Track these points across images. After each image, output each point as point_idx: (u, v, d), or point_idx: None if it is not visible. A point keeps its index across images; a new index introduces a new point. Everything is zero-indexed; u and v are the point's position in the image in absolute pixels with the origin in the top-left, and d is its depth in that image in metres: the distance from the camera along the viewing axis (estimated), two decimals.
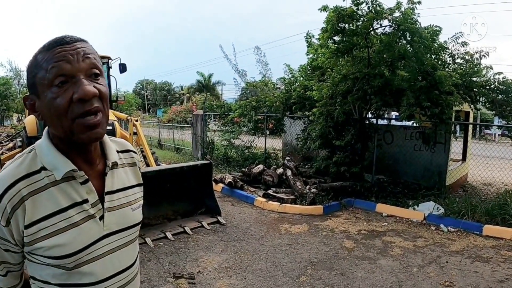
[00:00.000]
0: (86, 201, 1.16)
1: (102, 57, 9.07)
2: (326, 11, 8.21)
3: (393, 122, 11.55)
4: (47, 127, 1.19)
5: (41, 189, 1.11)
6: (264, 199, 8.19)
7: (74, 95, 1.05)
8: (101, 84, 1.12)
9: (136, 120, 7.25)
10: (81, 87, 1.06)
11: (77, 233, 1.13)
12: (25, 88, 32.98)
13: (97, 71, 1.12)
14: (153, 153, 7.93)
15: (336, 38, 8.60)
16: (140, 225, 1.35)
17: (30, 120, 9.19)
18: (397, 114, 9.87)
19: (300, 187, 8.38)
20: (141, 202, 1.38)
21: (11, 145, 13.22)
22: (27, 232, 1.09)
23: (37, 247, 1.10)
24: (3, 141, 15.30)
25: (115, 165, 1.28)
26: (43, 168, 1.13)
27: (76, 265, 1.14)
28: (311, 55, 11.08)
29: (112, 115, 7.50)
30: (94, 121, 1.09)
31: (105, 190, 1.23)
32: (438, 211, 7.15)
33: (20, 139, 10.68)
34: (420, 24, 7.91)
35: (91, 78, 1.10)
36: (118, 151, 1.34)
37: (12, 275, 1.22)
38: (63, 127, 1.08)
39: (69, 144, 1.14)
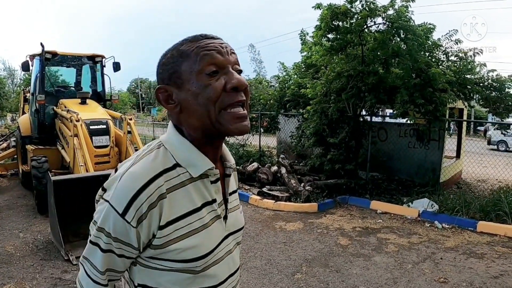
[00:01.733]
0: (214, 200, 1.13)
1: (96, 56, 9.06)
2: (320, 9, 8.21)
3: (387, 119, 11.57)
4: (171, 123, 1.14)
5: (178, 186, 1.05)
6: (258, 197, 8.19)
7: (228, 84, 1.03)
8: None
9: (130, 119, 7.21)
10: (235, 77, 1.04)
11: (208, 234, 1.10)
12: (18, 88, 32.81)
13: (240, 68, 1.11)
14: None
15: (330, 35, 8.60)
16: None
17: (24, 120, 9.17)
18: (391, 111, 9.90)
19: (294, 184, 8.38)
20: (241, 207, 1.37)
21: (5, 145, 13.10)
22: (161, 233, 1.02)
23: (170, 249, 1.03)
24: None
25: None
26: (177, 165, 1.07)
27: (204, 268, 1.09)
28: (305, 53, 11.09)
29: (106, 114, 7.48)
30: (242, 112, 1.06)
31: (228, 191, 1.22)
32: (432, 208, 7.17)
33: (14, 138, 10.65)
34: (413, 21, 7.91)
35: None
36: None
37: (111, 285, 1.14)
38: (210, 117, 1.03)
39: (207, 138, 1.10)
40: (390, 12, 7.80)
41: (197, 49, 1.04)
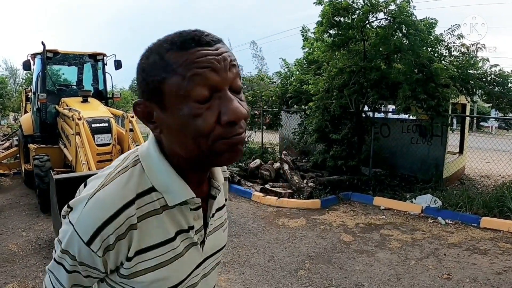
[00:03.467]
0: (192, 227, 0.99)
1: (98, 54, 9.05)
2: (322, 5, 8.19)
3: (390, 115, 11.55)
4: (153, 136, 0.96)
5: (151, 213, 0.91)
6: (261, 194, 8.16)
7: (223, 116, 0.83)
8: (243, 101, 0.89)
9: (132, 117, 7.20)
10: (231, 107, 0.84)
11: (181, 264, 0.97)
12: (21, 87, 32.85)
13: (239, 84, 0.89)
14: None
15: (332, 31, 8.60)
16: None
17: (26, 119, 9.17)
18: (394, 107, 9.89)
19: (297, 181, 8.37)
20: (228, 222, 1.22)
21: (7, 144, 13.15)
22: (129, 264, 0.91)
23: (137, 281, 0.92)
24: None
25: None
26: (153, 189, 0.92)
27: None
28: (307, 49, 11.08)
29: (108, 112, 7.48)
30: (238, 138, 0.87)
31: (211, 213, 1.06)
32: (435, 203, 7.15)
33: (17, 138, 10.67)
34: (415, 16, 7.90)
35: (234, 93, 0.87)
36: None
37: None
38: (200, 149, 0.86)
39: (192, 166, 0.94)
40: (392, 7, 7.77)
41: (187, 64, 0.82)
